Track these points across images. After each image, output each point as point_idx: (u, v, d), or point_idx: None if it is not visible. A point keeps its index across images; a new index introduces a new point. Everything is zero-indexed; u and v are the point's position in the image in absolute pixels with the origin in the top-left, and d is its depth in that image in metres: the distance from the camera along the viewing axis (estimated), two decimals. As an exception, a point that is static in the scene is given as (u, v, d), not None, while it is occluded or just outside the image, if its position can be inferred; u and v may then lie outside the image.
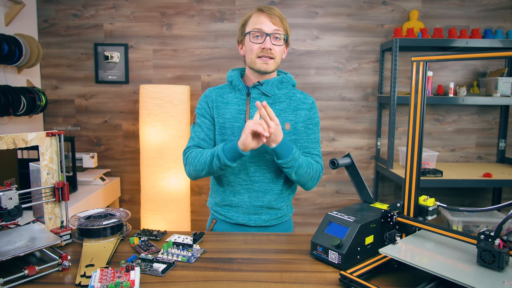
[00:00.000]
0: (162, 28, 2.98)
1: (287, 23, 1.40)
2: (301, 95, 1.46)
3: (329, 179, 3.13)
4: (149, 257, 1.06)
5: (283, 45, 1.39)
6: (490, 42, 2.65)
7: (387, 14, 2.98)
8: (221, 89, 1.46)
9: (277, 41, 1.36)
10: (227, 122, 1.40)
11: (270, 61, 1.36)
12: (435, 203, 1.04)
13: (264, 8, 1.36)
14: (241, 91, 1.42)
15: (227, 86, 1.47)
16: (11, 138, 1.07)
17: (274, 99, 1.40)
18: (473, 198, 3.15)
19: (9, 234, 1.05)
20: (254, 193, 1.41)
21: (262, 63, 1.36)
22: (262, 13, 1.35)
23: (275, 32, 1.35)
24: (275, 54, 1.36)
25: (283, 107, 1.41)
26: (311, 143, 1.46)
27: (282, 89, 1.43)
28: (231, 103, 1.42)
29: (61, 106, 3.06)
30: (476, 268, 0.84)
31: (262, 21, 1.34)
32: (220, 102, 1.43)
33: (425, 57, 0.99)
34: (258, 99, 1.39)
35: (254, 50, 1.36)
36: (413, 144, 1.02)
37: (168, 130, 2.59)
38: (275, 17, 1.34)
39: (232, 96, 1.43)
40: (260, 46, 1.35)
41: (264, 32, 1.34)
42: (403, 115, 3.06)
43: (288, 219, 1.52)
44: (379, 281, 0.95)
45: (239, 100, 1.41)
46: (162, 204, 2.64)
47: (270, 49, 1.34)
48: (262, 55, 1.35)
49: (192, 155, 1.37)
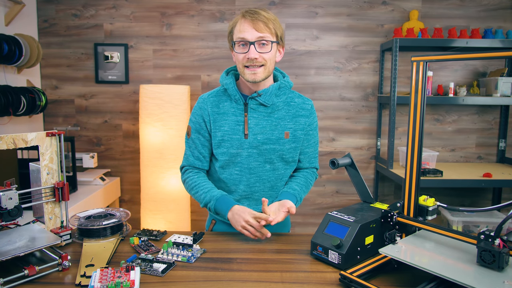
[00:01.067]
0: (162, 28, 2.98)
1: (276, 24, 1.31)
2: (300, 99, 1.43)
3: (329, 179, 3.13)
4: (149, 257, 1.06)
5: (270, 52, 1.30)
6: (490, 42, 2.65)
7: (387, 14, 2.98)
8: (216, 97, 1.40)
9: (263, 48, 1.28)
10: (226, 135, 1.36)
11: (258, 70, 1.29)
12: (435, 203, 1.04)
13: (247, 14, 1.28)
14: (238, 101, 1.37)
15: (221, 93, 1.41)
16: (11, 138, 1.07)
17: (273, 108, 1.37)
18: (473, 198, 3.15)
19: (9, 234, 1.05)
20: (254, 201, 1.41)
21: (251, 73, 1.29)
22: (245, 20, 1.28)
23: (260, 39, 1.27)
24: (262, 62, 1.29)
25: (281, 115, 1.38)
26: (311, 147, 1.46)
27: (280, 96, 1.38)
28: (228, 113, 1.37)
29: (61, 106, 3.06)
30: (476, 268, 0.84)
31: (245, 28, 1.27)
32: (217, 113, 1.38)
33: (425, 57, 0.99)
34: (256, 110, 1.36)
35: (240, 61, 1.30)
36: (413, 144, 1.02)
37: (168, 130, 2.59)
38: (258, 22, 1.26)
39: (228, 105, 1.38)
40: (245, 56, 1.28)
41: (247, 40, 1.27)
42: (403, 115, 3.06)
43: (286, 220, 1.52)
44: (379, 281, 0.95)
45: (236, 110, 1.37)
46: (162, 204, 2.64)
47: (255, 58, 1.27)
48: (249, 64, 1.29)
49: (189, 184, 1.42)
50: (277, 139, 1.36)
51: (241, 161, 1.37)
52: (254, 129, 1.35)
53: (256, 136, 1.35)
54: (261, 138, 1.35)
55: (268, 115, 1.36)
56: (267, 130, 1.35)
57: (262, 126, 1.35)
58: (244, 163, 1.37)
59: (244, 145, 1.35)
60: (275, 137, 1.36)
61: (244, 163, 1.37)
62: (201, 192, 1.36)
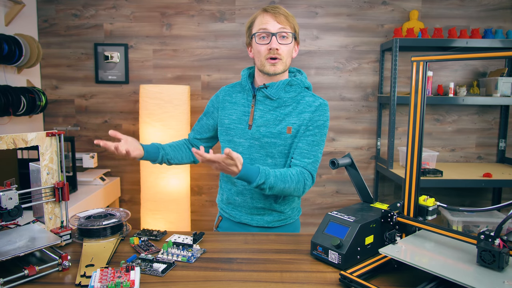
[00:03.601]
0: (162, 28, 2.98)
1: (294, 20, 1.36)
2: (311, 98, 1.40)
3: (329, 179, 3.13)
4: (149, 257, 1.06)
5: (291, 43, 1.35)
6: (490, 42, 2.65)
7: (387, 14, 2.98)
8: (232, 88, 1.49)
9: (284, 40, 1.33)
10: (232, 123, 1.42)
11: (277, 62, 1.34)
12: (435, 203, 1.04)
13: (269, 8, 1.34)
14: (248, 92, 1.42)
15: (238, 85, 1.49)
16: (11, 138, 1.07)
17: (279, 103, 1.37)
18: (473, 198, 3.15)
19: (9, 234, 1.05)
20: (256, 194, 1.41)
21: (271, 65, 1.34)
22: (266, 13, 1.33)
23: (281, 30, 1.32)
24: (282, 54, 1.33)
25: (288, 111, 1.37)
26: (308, 145, 1.36)
27: (289, 92, 1.38)
28: (238, 103, 1.43)
29: (61, 106, 3.06)
30: (476, 268, 0.84)
31: (267, 20, 1.32)
32: (228, 101, 1.45)
33: (425, 57, 0.99)
34: (262, 102, 1.38)
35: (262, 52, 1.34)
36: (413, 144, 1.02)
37: (168, 130, 2.59)
38: (280, 15, 1.32)
39: (240, 96, 1.45)
40: (267, 47, 1.32)
41: (269, 32, 1.32)
42: (403, 115, 3.06)
43: (294, 222, 1.50)
44: (379, 281, 0.95)
45: (246, 101, 1.42)
46: (162, 204, 2.64)
47: (276, 49, 1.31)
48: (270, 56, 1.33)
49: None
50: (278, 133, 1.36)
51: (242, 151, 1.40)
52: (258, 121, 1.38)
53: (259, 128, 1.37)
54: (263, 131, 1.37)
55: (273, 109, 1.38)
56: (271, 124, 1.37)
57: (266, 119, 1.37)
58: (246, 153, 1.39)
59: (247, 136, 1.39)
60: (277, 131, 1.36)
61: (246, 153, 1.39)
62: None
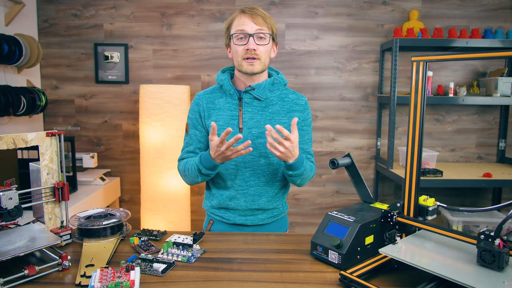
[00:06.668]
0: (162, 28, 2.98)
1: (272, 21, 1.38)
2: (294, 95, 1.46)
3: (329, 179, 3.13)
4: (149, 257, 1.06)
5: (268, 44, 1.36)
6: (490, 42, 2.65)
7: (387, 14, 2.98)
8: (211, 94, 1.45)
9: (262, 40, 1.35)
10: (221, 129, 1.39)
11: (255, 62, 1.34)
12: (435, 203, 1.04)
13: (246, 9, 1.35)
14: (232, 96, 1.41)
15: (217, 90, 1.46)
16: (11, 138, 1.07)
17: (267, 103, 1.40)
18: (473, 198, 3.15)
19: (9, 234, 1.05)
20: (250, 197, 1.42)
21: (248, 64, 1.34)
22: (244, 14, 1.34)
23: (258, 32, 1.33)
24: (260, 55, 1.34)
25: (275, 110, 1.41)
26: (305, 143, 1.47)
27: (274, 91, 1.42)
28: (223, 108, 1.41)
29: (61, 106, 3.06)
30: (476, 268, 0.84)
31: (244, 22, 1.33)
32: (212, 108, 1.42)
33: (425, 57, 0.99)
34: (250, 104, 1.39)
35: (239, 53, 1.35)
36: (413, 144, 1.02)
37: (168, 130, 2.59)
38: (257, 16, 1.33)
39: (223, 101, 1.42)
40: (244, 47, 1.33)
41: (247, 33, 1.33)
42: (403, 115, 3.06)
43: (283, 216, 1.54)
44: (379, 281, 0.95)
45: (231, 105, 1.41)
46: (162, 204, 2.64)
47: (254, 49, 1.33)
48: (247, 56, 1.34)
49: (180, 168, 1.44)
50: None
51: None
52: (248, 123, 1.38)
53: (250, 130, 1.38)
54: (256, 132, 1.38)
55: (262, 109, 1.39)
56: (262, 124, 1.38)
57: (257, 120, 1.38)
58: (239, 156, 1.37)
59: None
60: None
61: (239, 157, 1.37)
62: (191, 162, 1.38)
